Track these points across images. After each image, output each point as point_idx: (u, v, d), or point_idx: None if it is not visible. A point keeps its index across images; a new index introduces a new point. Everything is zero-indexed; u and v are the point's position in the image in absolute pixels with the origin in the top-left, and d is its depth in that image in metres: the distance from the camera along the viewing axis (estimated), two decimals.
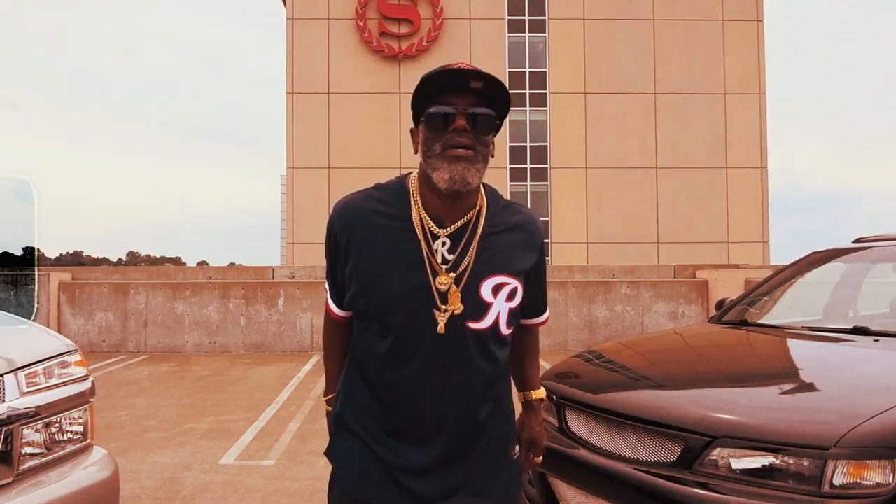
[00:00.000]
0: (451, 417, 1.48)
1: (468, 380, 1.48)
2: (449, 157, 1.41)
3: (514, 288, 1.50)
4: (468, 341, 1.45)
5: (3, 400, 2.20)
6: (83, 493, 2.36)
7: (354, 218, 1.51)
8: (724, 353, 3.23)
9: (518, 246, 1.54)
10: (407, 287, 1.44)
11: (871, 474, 2.04)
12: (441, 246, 1.46)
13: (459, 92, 1.44)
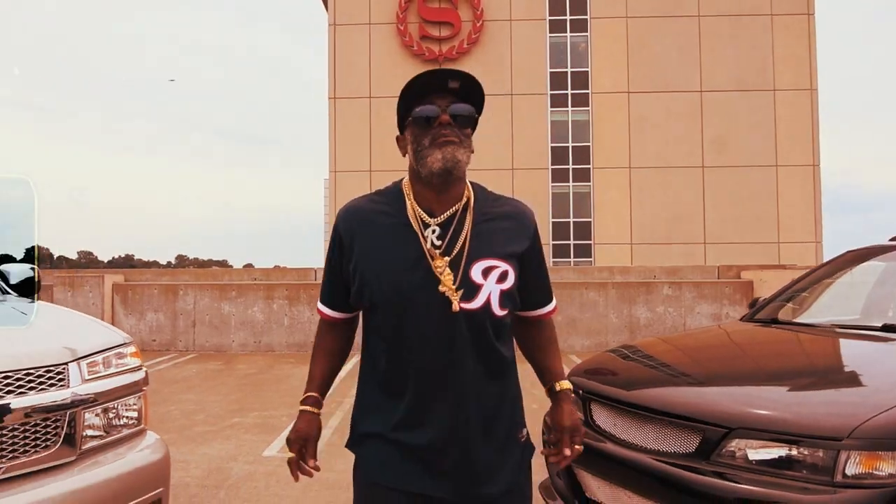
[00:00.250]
0: (453, 397, 1.58)
1: (467, 359, 1.59)
2: (439, 143, 1.56)
3: (504, 270, 1.61)
4: (462, 322, 1.57)
5: (68, 386, 2.40)
6: (137, 473, 2.55)
7: (357, 219, 1.66)
8: (747, 350, 3.28)
9: (508, 232, 1.66)
10: (407, 273, 1.58)
11: (883, 465, 2.09)
12: (431, 233, 1.60)
13: (440, 92, 1.59)
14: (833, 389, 2.57)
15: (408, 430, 1.60)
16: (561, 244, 27.37)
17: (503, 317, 1.63)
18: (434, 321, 1.56)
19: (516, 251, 1.65)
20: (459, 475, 1.60)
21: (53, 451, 2.34)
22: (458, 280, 1.57)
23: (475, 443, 1.60)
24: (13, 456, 2.22)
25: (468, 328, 1.57)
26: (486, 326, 1.60)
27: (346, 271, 1.67)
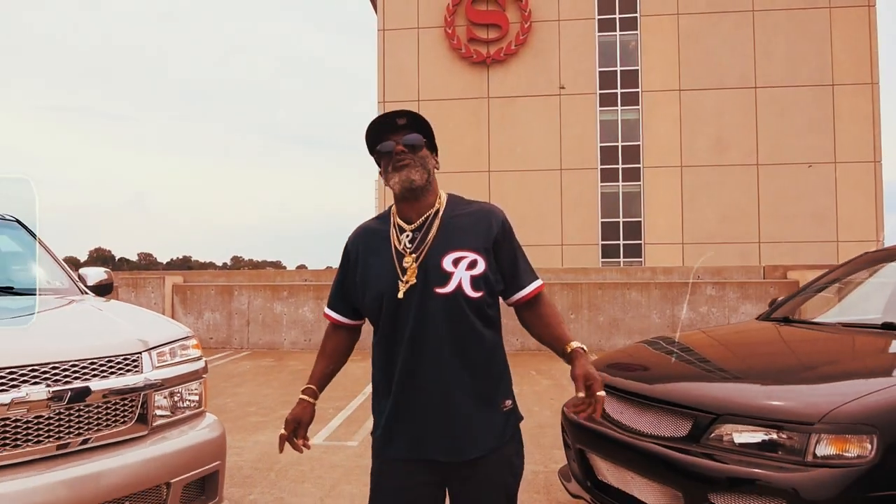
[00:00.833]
0: (433, 376, 1.90)
1: (437, 339, 1.90)
2: (397, 167, 1.97)
3: (473, 259, 1.93)
4: (438, 304, 1.90)
5: (142, 372, 2.81)
6: (198, 447, 2.95)
7: (362, 238, 2.08)
8: (751, 346, 3.51)
9: (474, 227, 1.99)
10: (383, 272, 1.95)
11: (850, 448, 2.33)
12: (405, 238, 1.97)
13: (392, 130, 1.99)
14: (814, 380, 2.80)
15: (401, 407, 1.93)
16: (610, 244, 27.30)
17: (478, 298, 1.93)
18: (410, 310, 1.90)
19: (484, 244, 1.97)
20: (446, 440, 1.91)
21: (129, 426, 2.75)
22: (430, 271, 1.90)
23: (457, 410, 1.91)
24: (98, 428, 2.63)
25: (443, 309, 1.90)
26: (461, 307, 1.91)
27: (351, 282, 2.06)
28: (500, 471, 2.00)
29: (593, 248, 26.99)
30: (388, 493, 1.98)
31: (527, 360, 9.46)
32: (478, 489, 1.97)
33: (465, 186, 26.58)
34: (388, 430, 1.97)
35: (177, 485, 2.81)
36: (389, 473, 1.99)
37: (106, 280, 4.18)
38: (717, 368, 3.23)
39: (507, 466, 2.01)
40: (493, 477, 1.99)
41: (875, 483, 2.29)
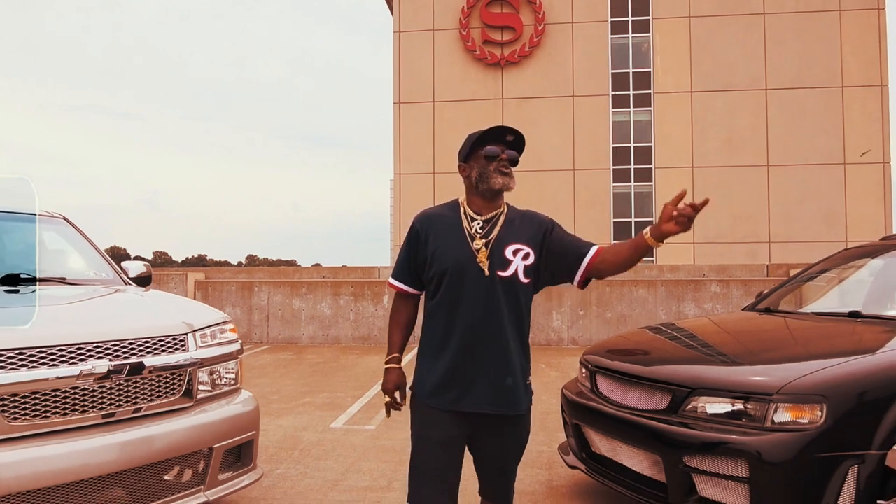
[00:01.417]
0: (493, 340, 2.30)
1: (499, 311, 2.31)
2: (501, 171, 2.39)
3: (526, 252, 2.36)
4: (497, 284, 2.31)
5: (188, 351, 3.21)
6: (235, 418, 3.34)
7: (431, 221, 2.45)
8: (732, 331, 3.86)
9: (527, 227, 2.41)
10: (459, 251, 2.34)
11: (804, 415, 2.68)
12: (476, 225, 2.39)
13: (501, 140, 2.42)
14: (777, 360, 3.15)
15: (458, 361, 2.32)
16: None
17: (527, 284, 2.36)
18: (478, 284, 2.30)
19: (536, 239, 2.38)
20: (497, 398, 2.30)
21: (177, 398, 3.14)
22: (494, 257, 2.31)
23: (512, 371, 2.32)
24: (150, 399, 3.03)
25: (503, 289, 2.31)
26: (516, 289, 2.33)
27: (422, 255, 2.42)
28: (523, 430, 2.44)
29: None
30: (433, 442, 2.35)
31: (537, 354, 9.79)
32: (504, 442, 2.40)
33: None
34: (441, 384, 2.34)
35: (218, 450, 3.20)
36: (434, 424, 2.36)
37: (145, 273, 4.58)
38: (699, 350, 3.59)
39: (526, 428, 2.45)
40: (518, 434, 2.42)
41: (824, 445, 2.65)
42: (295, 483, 4.33)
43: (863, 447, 2.65)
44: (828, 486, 2.62)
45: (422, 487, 2.37)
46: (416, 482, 2.39)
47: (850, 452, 2.64)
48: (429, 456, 2.38)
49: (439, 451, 2.35)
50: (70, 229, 4.66)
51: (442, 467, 2.35)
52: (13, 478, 2.55)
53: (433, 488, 2.35)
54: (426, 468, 2.38)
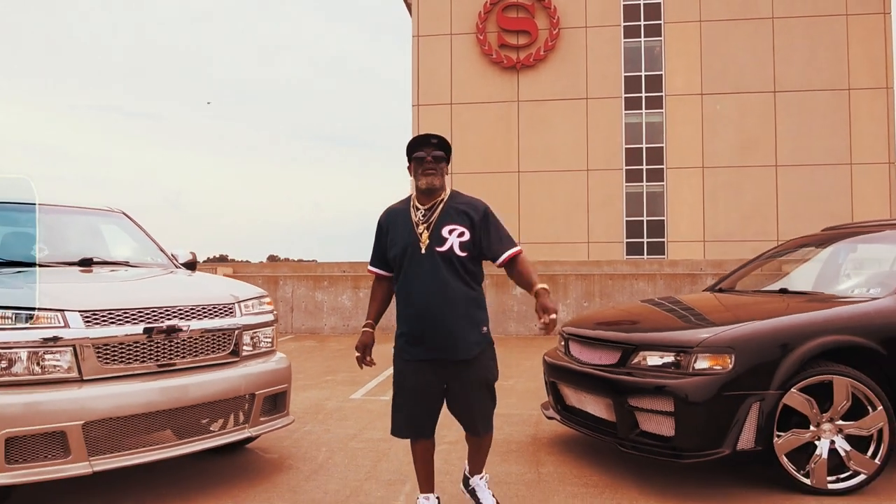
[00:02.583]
0: (436, 303, 3.01)
1: (442, 280, 3.01)
2: (425, 173, 3.08)
3: (461, 231, 3.05)
4: (435, 259, 3.02)
5: (235, 317, 4.00)
6: (272, 372, 4.13)
7: (390, 216, 3.20)
8: (686, 305, 4.60)
9: (464, 212, 3.10)
10: (406, 236, 3.08)
11: (717, 363, 3.42)
12: (420, 214, 3.10)
13: (426, 145, 3.10)
14: (705, 323, 3.90)
15: (414, 324, 3.07)
16: (635, 242, 28.14)
17: (464, 257, 3.05)
18: (421, 260, 3.04)
19: (469, 221, 3.08)
20: (445, 347, 3.03)
21: (226, 353, 3.94)
22: (433, 236, 3.03)
23: (451, 328, 3.02)
24: (206, 353, 3.82)
25: (442, 261, 3.02)
26: (453, 261, 3.04)
27: (385, 244, 3.17)
28: (480, 369, 3.13)
29: (618, 246, 27.87)
30: (410, 386, 3.13)
31: (544, 343, 10.54)
32: (468, 380, 3.10)
33: (496, 186, 27.83)
34: (409, 340, 3.10)
35: (259, 396, 3.99)
36: (409, 372, 3.13)
37: (192, 259, 5.38)
38: (650, 318, 4.34)
39: (484, 367, 3.14)
40: (477, 373, 3.12)
41: (732, 385, 3.39)
42: (320, 436, 5.12)
43: (763, 388, 3.39)
44: (735, 418, 3.36)
45: (396, 417, 3.19)
46: (395, 418, 3.20)
47: (753, 392, 3.38)
48: (400, 394, 3.17)
49: (409, 392, 3.12)
50: (128, 222, 5.49)
51: (419, 407, 3.12)
52: (107, 407, 3.35)
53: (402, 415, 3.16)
54: (401, 408, 3.17)
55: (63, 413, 3.24)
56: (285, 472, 4.19)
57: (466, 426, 3.21)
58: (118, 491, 3.85)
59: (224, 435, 3.84)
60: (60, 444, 3.24)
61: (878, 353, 3.57)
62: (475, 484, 3.34)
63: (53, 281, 3.89)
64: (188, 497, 3.74)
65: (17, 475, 3.15)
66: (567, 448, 4.60)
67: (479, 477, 3.34)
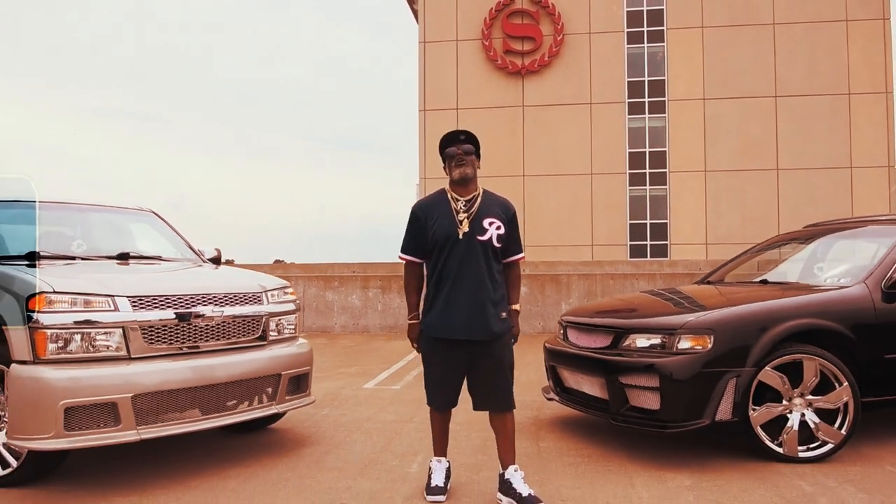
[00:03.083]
0: (473, 286, 3.34)
1: (479, 267, 3.36)
2: (458, 165, 3.43)
3: (499, 224, 3.41)
4: (477, 246, 3.36)
5: (262, 304, 4.40)
6: (296, 355, 4.53)
7: (427, 207, 3.52)
8: (678, 295, 4.98)
9: (500, 207, 3.47)
10: (448, 225, 3.39)
11: (697, 343, 3.81)
12: (460, 205, 3.43)
13: (455, 141, 3.47)
14: (690, 309, 4.28)
15: (451, 304, 3.38)
16: (638, 244, 28.48)
17: (499, 248, 3.42)
18: (463, 247, 3.37)
19: (505, 217, 3.46)
20: (478, 327, 3.35)
21: (255, 337, 4.34)
22: (474, 226, 3.36)
23: (484, 309, 3.35)
24: (238, 336, 4.22)
25: (480, 250, 3.37)
26: (488, 250, 3.39)
27: (422, 233, 3.47)
28: (502, 350, 3.45)
29: (622, 248, 28.21)
30: (437, 363, 3.46)
31: (533, 339, 10.92)
32: (494, 359, 3.41)
33: (502, 190, 27.87)
34: (438, 318, 3.40)
35: (285, 376, 4.39)
36: (441, 349, 3.44)
37: (217, 255, 5.79)
38: (643, 306, 4.74)
39: (505, 348, 3.48)
40: (501, 352, 3.44)
41: (711, 363, 3.78)
42: (337, 419, 5.52)
43: (739, 366, 3.78)
44: (714, 392, 3.75)
45: (432, 389, 3.55)
46: (430, 390, 3.55)
47: (730, 369, 3.77)
48: (432, 370, 3.52)
49: (439, 368, 3.47)
50: (158, 220, 5.90)
51: (449, 382, 3.48)
52: (153, 382, 3.76)
53: (438, 389, 3.52)
54: (438, 383, 3.51)
55: (114, 387, 3.65)
56: (308, 447, 4.60)
57: (488, 403, 3.46)
58: (161, 460, 4.26)
59: (254, 410, 4.25)
60: (112, 414, 3.64)
61: (844, 335, 3.96)
62: (510, 476, 3.39)
63: (99, 272, 4.31)
64: (223, 466, 4.15)
65: (73, 441, 3.56)
66: (565, 427, 4.99)
67: (513, 468, 3.42)
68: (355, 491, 3.65)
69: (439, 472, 3.58)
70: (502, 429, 3.47)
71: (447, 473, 3.61)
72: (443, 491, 3.50)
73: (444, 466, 3.61)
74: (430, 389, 3.57)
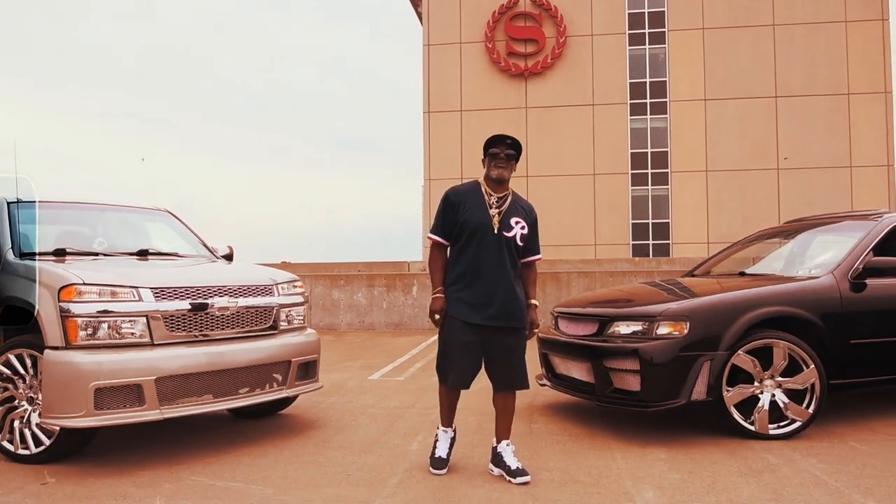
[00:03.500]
0: (500, 278, 3.61)
1: (505, 260, 3.63)
2: (498, 166, 3.67)
3: (523, 224, 3.69)
4: (504, 241, 3.62)
5: (274, 296, 4.73)
6: (305, 344, 4.86)
7: (461, 195, 3.75)
8: (664, 286, 5.30)
9: (525, 210, 3.75)
10: (482, 217, 3.64)
11: (675, 328, 4.13)
12: (493, 200, 3.68)
13: (501, 143, 3.71)
14: (670, 299, 4.60)
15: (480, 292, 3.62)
16: (641, 244, 28.78)
17: (521, 246, 3.69)
18: (492, 239, 3.63)
19: (528, 220, 3.73)
20: (505, 315, 3.62)
21: (267, 326, 4.67)
22: (503, 223, 3.64)
23: (511, 299, 3.63)
24: (252, 325, 4.56)
25: (506, 245, 3.64)
26: (512, 247, 3.66)
27: (455, 218, 3.69)
28: (522, 338, 3.74)
29: (624, 248, 28.51)
30: (463, 343, 3.65)
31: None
32: (515, 344, 3.68)
33: None
34: (471, 305, 3.63)
35: (295, 363, 4.73)
36: (463, 332, 3.65)
37: (229, 252, 6.12)
38: (629, 297, 5.06)
39: (523, 336, 3.76)
40: (519, 341, 3.72)
41: (687, 347, 4.09)
42: (343, 406, 5.85)
43: (713, 350, 4.10)
44: (689, 374, 4.07)
45: (447, 368, 3.74)
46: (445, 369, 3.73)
47: (705, 352, 4.09)
48: (455, 351, 3.68)
49: (462, 349, 3.65)
50: (174, 219, 6.25)
51: (468, 362, 3.67)
52: (174, 366, 4.10)
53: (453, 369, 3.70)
54: (457, 363, 3.68)
55: (139, 370, 3.98)
56: (316, 429, 4.93)
57: (506, 383, 3.72)
58: (178, 442, 4.60)
59: (266, 394, 4.58)
60: (137, 395, 3.98)
61: (812, 322, 4.27)
62: (502, 449, 3.70)
63: (123, 266, 4.66)
64: (237, 446, 4.49)
65: (102, 419, 3.90)
66: (557, 411, 5.31)
67: (506, 443, 3.73)
68: (360, 465, 3.99)
69: (444, 441, 3.83)
70: (504, 407, 3.75)
71: (451, 443, 3.85)
72: (444, 464, 3.77)
73: (449, 436, 3.86)
74: (444, 368, 3.75)
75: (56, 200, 5.70)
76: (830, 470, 3.66)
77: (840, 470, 3.66)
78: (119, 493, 3.57)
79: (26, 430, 4.14)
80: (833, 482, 3.47)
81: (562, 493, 3.43)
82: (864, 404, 5.21)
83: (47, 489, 3.65)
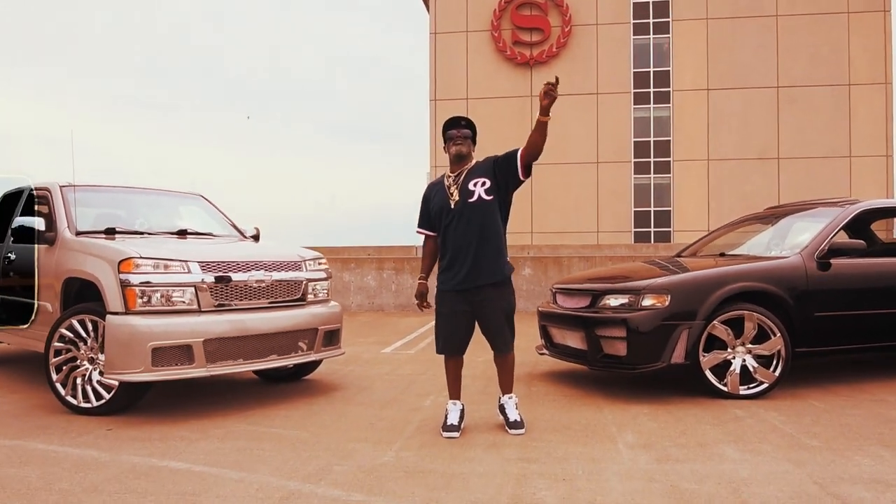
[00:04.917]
0: (468, 241, 4.03)
1: (473, 226, 4.01)
2: (455, 143, 4.07)
3: (483, 180, 3.95)
4: (469, 209, 4.01)
5: (303, 271, 5.31)
6: (330, 314, 5.44)
7: (432, 188, 4.29)
8: (653, 264, 5.86)
9: (482, 166, 4.05)
10: (442, 199, 4.11)
11: (658, 301, 4.70)
12: (450, 180, 4.08)
13: (457, 125, 4.15)
14: (659, 275, 5.16)
15: (450, 259, 4.10)
16: (642, 231, 29.30)
17: (491, 200, 3.96)
18: (455, 215, 4.07)
19: (488, 170, 4.07)
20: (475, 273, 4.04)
21: (296, 298, 5.26)
22: (463, 193, 4.03)
23: (479, 257, 4.04)
24: (284, 296, 5.14)
25: (473, 209, 4.02)
26: (482, 206, 3.95)
27: (429, 210, 4.21)
28: (500, 298, 4.08)
29: (626, 235, 29.03)
30: (447, 312, 4.13)
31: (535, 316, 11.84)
32: (490, 307, 4.05)
33: None
34: (447, 274, 4.10)
35: (321, 330, 5.31)
36: (446, 301, 4.13)
37: (256, 233, 6.69)
38: (621, 273, 5.63)
39: (504, 296, 4.12)
40: (500, 301, 4.09)
41: (668, 316, 4.66)
42: (361, 373, 6.45)
43: (691, 319, 4.67)
44: (669, 341, 4.64)
45: (439, 337, 4.29)
46: (437, 339, 4.26)
47: (683, 321, 4.66)
48: (440, 320, 4.20)
49: (444, 319, 4.14)
50: (206, 202, 6.82)
51: (451, 329, 4.16)
52: (219, 330, 4.68)
53: (444, 336, 4.22)
54: (442, 330, 4.23)
55: (189, 332, 4.57)
56: (339, 391, 5.53)
57: (493, 344, 4.09)
58: (218, 401, 5.20)
59: (296, 357, 5.18)
60: (187, 355, 4.56)
61: (780, 296, 4.84)
62: (504, 401, 4.14)
63: (169, 243, 5.24)
64: (271, 403, 5.09)
65: (158, 374, 4.49)
66: (554, 377, 5.90)
67: (508, 396, 4.15)
68: (381, 417, 4.58)
69: (454, 412, 4.20)
70: (502, 365, 4.20)
71: (461, 414, 4.23)
72: (457, 429, 4.12)
73: (458, 408, 4.18)
74: (437, 337, 4.23)
75: (100, 185, 6.29)
76: (787, 420, 4.24)
77: (795, 421, 4.24)
78: (176, 436, 4.16)
79: (88, 387, 4.73)
80: (787, 429, 4.05)
81: (555, 436, 4.02)
82: (829, 371, 5.79)
83: (113, 433, 4.24)
